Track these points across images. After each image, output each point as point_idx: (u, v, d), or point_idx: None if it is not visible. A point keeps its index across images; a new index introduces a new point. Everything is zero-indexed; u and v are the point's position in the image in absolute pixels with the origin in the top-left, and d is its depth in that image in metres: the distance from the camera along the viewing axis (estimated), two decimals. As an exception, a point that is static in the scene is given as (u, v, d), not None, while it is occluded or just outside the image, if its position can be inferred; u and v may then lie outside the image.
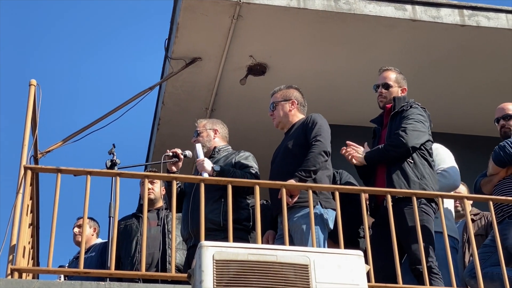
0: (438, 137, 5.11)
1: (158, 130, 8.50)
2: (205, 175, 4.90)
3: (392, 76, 5.19)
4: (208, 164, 5.02)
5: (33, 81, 4.77)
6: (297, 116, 5.14)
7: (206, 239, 4.18)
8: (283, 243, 4.37)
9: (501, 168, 5.19)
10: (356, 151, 4.98)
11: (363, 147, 5.05)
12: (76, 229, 6.59)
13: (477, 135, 8.45)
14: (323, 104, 7.64)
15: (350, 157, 4.98)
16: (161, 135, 8.55)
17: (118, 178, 4.47)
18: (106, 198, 5.07)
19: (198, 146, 5.22)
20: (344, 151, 5.01)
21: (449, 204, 5.57)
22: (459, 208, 5.95)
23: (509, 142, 5.18)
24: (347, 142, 5.04)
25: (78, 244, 6.37)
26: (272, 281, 3.29)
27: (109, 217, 5.01)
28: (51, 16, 20.58)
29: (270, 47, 7.44)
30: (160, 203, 5.94)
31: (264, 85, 7.45)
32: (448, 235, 4.80)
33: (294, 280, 3.31)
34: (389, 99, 5.15)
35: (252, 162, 5.18)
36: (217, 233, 4.80)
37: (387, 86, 5.17)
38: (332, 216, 4.73)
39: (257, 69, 7.68)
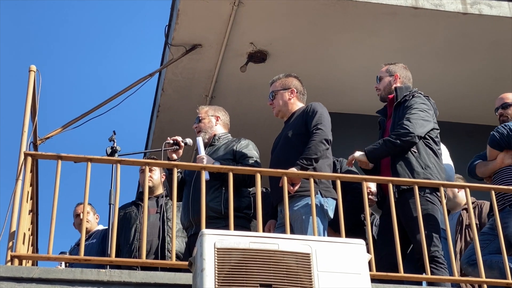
0: (438, 126, 5.09)
1: (158, 117, 8.48)
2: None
3: (383, 69, 5.34)
4: (208, 162, 4.97)
5: (33, 67, 4.74)
6: (297, 104, 5.12)
7: (207, 227, 4.17)
8: (283, 232, 4.35)
9: (497, 151, 5.20)
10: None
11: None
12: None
13: (478, 124, 8.44)
14: (323, 92, 7.62)
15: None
16: (160, 122, 8.53)
17: (118, 165, 4.46)
18: (106, 185, 5.06)
19: (199, 140, 5.16)
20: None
21: None
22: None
23: (503, 125, 5.24)
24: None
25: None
26: (274, 269, 3.28)
27: (109, 204, 4.99)
28: (51, 3, 20.50)
29: (270, 34, 7.41)
30: (159, 191, 5.92)
31: (265, 72, 7.42)
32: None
33: (295, 268, 3.30)
34: (383, 90, 5.22)
35: (252, 151, 5.14)
36: (218, 221, 4.79)
37: (378, 79, 5.29)
38: (332, 205, 4.72)
39: (257, 56, 7.65)
